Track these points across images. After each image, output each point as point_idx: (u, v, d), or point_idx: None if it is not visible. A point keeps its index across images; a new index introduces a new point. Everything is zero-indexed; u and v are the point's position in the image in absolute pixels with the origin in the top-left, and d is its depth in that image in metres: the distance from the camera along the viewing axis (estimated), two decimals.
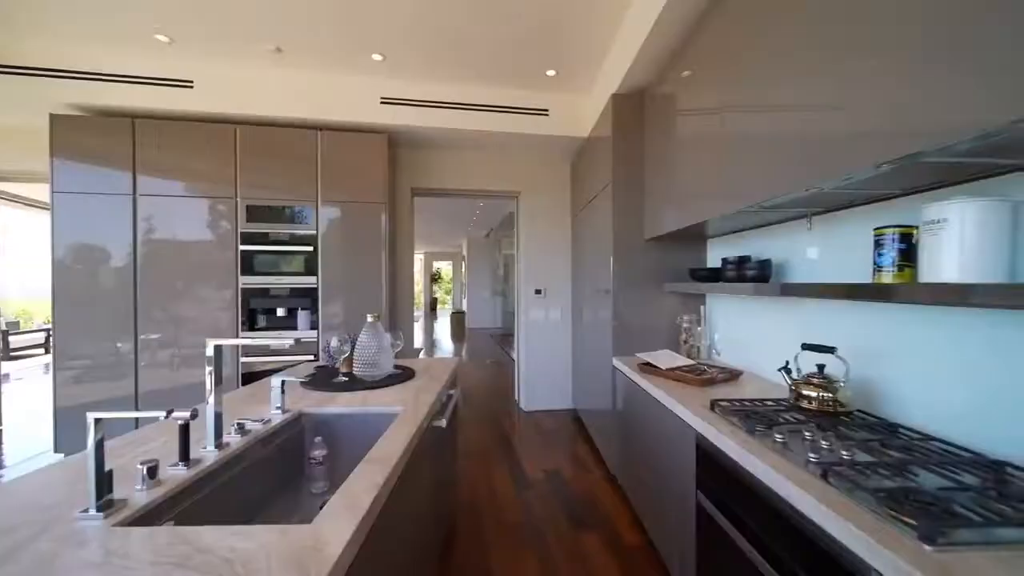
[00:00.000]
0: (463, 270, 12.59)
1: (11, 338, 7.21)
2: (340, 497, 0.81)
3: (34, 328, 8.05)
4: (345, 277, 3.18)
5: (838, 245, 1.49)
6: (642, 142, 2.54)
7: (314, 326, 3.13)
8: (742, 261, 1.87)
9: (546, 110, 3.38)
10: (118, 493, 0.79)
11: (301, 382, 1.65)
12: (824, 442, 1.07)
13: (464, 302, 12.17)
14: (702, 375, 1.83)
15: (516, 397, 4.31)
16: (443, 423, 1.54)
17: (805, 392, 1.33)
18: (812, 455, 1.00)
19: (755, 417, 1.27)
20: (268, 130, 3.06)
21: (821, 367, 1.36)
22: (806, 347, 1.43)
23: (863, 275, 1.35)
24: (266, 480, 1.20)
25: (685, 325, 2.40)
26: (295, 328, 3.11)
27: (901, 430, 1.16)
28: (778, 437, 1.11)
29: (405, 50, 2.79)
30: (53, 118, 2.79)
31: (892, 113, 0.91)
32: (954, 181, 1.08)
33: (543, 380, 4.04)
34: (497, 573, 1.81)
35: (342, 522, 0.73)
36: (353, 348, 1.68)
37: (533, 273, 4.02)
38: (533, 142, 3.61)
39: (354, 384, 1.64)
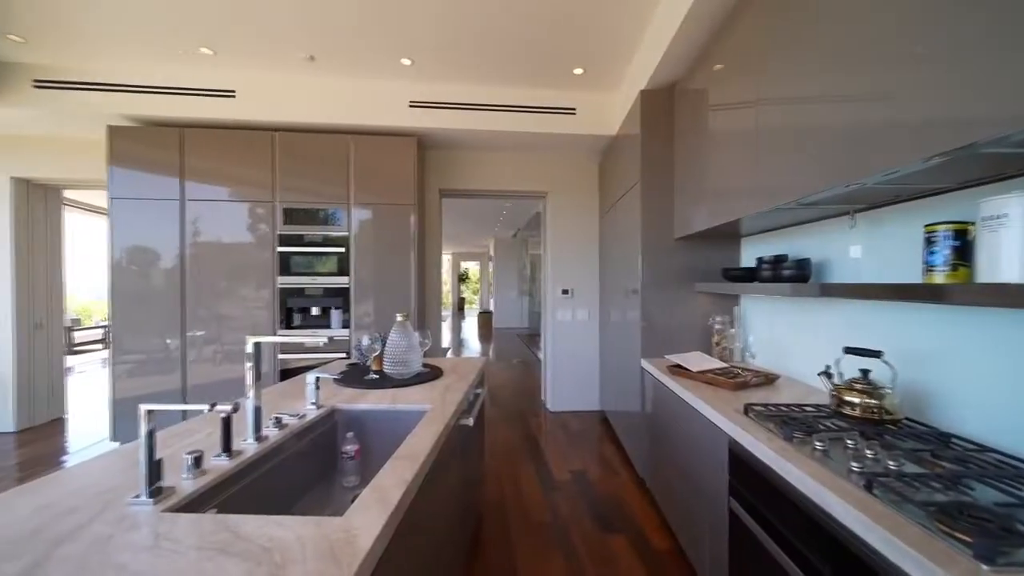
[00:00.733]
0: (490, 270, 12.66)
1: (74, 334, 7.79)
2: (370, 492, 0.84)
3: (93, 325, 8.66)
4: (376, 277, 3.26)
5: (884, 243, 1.41)
6: (672, 139, 2.48)
7: (346, 325, 3.23)
8: (778, 260, 1.80)
9: (573, 109, 3.36)
10: (167, 481, 0.85)
11: (334, 379, 1.71)
12: (868, 451, 1.01)
13: (491, 302, 12.24)
14: (735, 378, 1.77)
15: (543, 397, 4.30)
16: (470, 422, 1.55)
17: (848, 398, 1.27)
18: (855, 464, 0.95)
19: (792, 423, 1.22)
20: (304, 136, 3.18)
21: (865, 372, 1.29)
22: (849, 351, 1.35)
23: (912, 275, 1.27)
24: (301, 472, 1.25)
25: (717, 327, 2.33)
26: (328, 327, 3.22)
27: (954, 440, 1.09)
28: (818, 445, 1.06)
29: (433, 53, 2.83)
30: (110, 129, 3.00)
31: (942, 102, 0.85)
32: (1015, 173, 1.00)
33: (570, 381, 4.02)
34: (523, 573, 1.81)
35: (372, 516, 0.75)
36: (383, 347, 1.73)
37: (560, 273, 4.00)
38: (560, 141, 3.59)
39: (384, 382, 1.68)
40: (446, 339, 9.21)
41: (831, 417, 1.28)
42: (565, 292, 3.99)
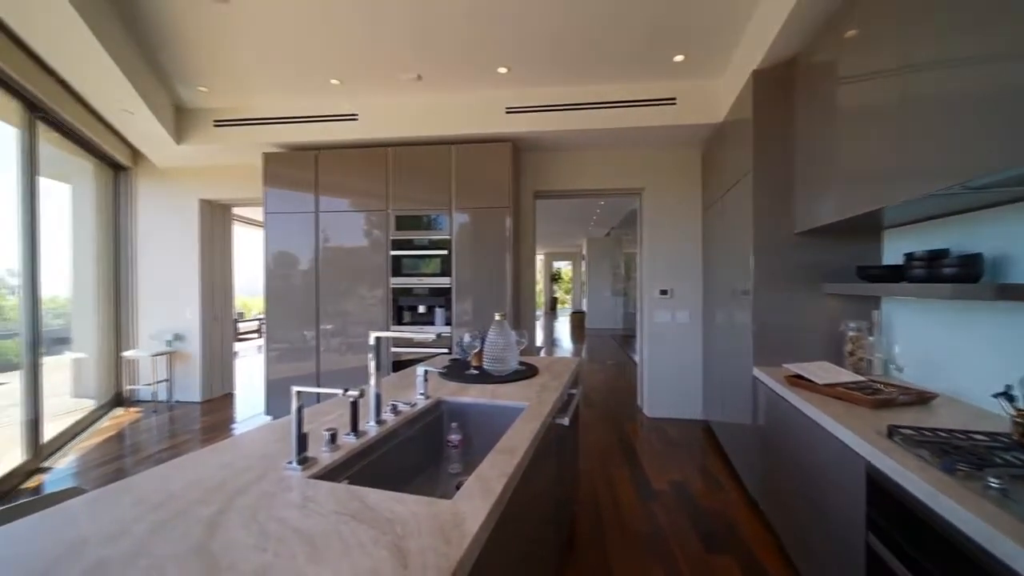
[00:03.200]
0: (583, 269, 12.50)
1: (238, 325, 9.53)
2: (475, 481, 0.90)
3: (251, 318, 10.49)
4: (474, 277, 3.44)
5: None
6: (790, 121, 2.21)
7: (448, 322, 3.46)
8: (936, 256, 1.50)
9: (673, 99, 3.17)
10: (310, 452, 1.00)
11: (439, 372, 1.85)
12: None
13: (584, 302, 12.08)
14: (876, 394, 1.52)
15: (639, 402, 4.13)
16: (565, 421, 1.57)
17: None
18: None
19: (956, 452, 1.01)
20: (412, 149, 3.49)
21: None
22: None
23: None
24: (413, 456, 1.38)
25: (851, 334, 2.02)
26: (433, 323, 3.48)
27: None
28: (993, 481, 0.87)
29: (529, 59, 2.90)
30: (265, 156, 3.61)
31: None
32: None
33: (669, 386, 3.80)
34: None
35: (477, 503, 0.81)
36: (483, 344, 1.82)
37: (658, 272, 3.81)
38: (659, 134, 3.43)
39: (484, 377, 1.77)
40: (539, 338, 9.33)
41: (1012, 449, 1.04)
42: (664, 292, 3.79)
